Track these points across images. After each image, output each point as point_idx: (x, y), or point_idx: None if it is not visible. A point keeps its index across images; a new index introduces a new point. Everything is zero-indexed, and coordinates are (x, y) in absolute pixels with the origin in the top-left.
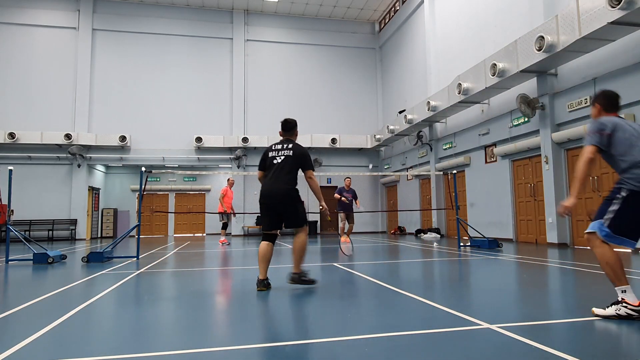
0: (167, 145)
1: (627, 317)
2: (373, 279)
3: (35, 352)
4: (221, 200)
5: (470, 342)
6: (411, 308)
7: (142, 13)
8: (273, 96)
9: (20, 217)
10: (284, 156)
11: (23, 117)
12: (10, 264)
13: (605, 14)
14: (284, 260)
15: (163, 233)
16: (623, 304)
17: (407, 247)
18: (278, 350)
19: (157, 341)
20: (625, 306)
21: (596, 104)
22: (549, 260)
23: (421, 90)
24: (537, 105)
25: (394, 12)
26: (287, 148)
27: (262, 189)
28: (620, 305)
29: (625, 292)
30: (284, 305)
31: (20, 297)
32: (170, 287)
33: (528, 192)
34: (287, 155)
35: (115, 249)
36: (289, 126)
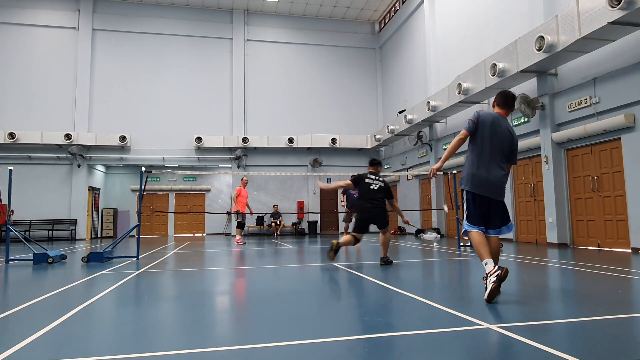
0: (167, 145)
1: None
2: (373, 279)
3: (35, 352)
4: (234, 200)
5: (470, 342)
6: (411, 308)
7: (142, 13)
8: (273, 96)
9: (20, 217)
10: (377, 185)
11: (23, 117)
12: (10, 264)
13: (605, 14)
14: (285, 260)
15: (163, 233)
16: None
17: (407, 247)
18: (278, 350)
19: (157, 341)
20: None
21: (494, 100)
22: (549, 260)
23: (421, 90)
24: (537, 105)
25: (394, 12)
26: (378, 180)
27: (362, 206)
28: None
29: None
30: (284, 305)
31: (20, 297)
32: (170, 287)
33: (528, 192)
34: (381, 186)
35: (115, 249)
36: (376, 162)
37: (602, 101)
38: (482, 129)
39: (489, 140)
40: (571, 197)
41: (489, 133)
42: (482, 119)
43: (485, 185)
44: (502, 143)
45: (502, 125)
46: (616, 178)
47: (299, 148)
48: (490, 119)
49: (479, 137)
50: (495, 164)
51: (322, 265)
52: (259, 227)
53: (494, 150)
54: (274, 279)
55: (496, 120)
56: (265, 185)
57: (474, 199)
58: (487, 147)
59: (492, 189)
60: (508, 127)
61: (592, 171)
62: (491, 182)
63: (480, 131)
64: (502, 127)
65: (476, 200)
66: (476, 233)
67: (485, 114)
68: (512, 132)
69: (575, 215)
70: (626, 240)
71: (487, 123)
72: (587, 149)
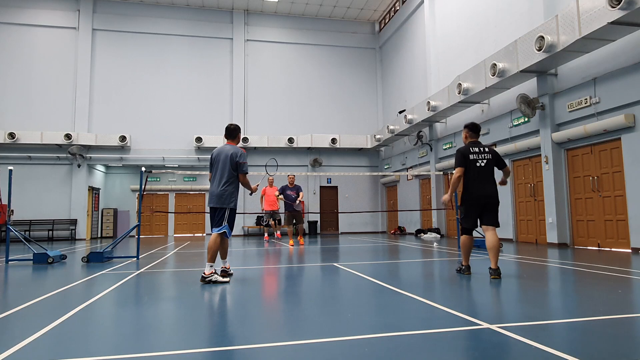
0: (167, 145)
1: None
2: (373, 279)
3: (35, 352)
4: (261, 200)
5: (470, 342)
6: (411, 308)
7: (142, 13)
8: (273, 96)
9: (20, 217)
10: (485, 159)
11: (23, 117)
12: (10, 264)
13: (605, 14)
14: (285, 260)
15: (163, 233)
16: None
17: (407, 247)
18: (278, 350)
19: (157, 341)
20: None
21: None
22: (549, 260)
23: (421, 90)
24: (537, 105)
25: (394, 12)
26: (484, 151)
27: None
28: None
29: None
30: (284, 305)
31: (20, 297)
32: (170, 287)
33: (528, 192)
34: (489, 159)
35: (115, 249)
36: (478, 129)
37: (602, 101)
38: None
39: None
40: (571, 197)
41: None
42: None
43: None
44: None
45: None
46: (616, 178)
47: (299, 148)
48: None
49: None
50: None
51: (322, 265)
52: (259, 228)
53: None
54: (274, 278)
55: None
56: (265, 186)
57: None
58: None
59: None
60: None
61: (592, 171)
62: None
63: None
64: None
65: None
66: None
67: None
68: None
69: (575, 215)
70: (626, 240)
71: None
72: (587, 149)
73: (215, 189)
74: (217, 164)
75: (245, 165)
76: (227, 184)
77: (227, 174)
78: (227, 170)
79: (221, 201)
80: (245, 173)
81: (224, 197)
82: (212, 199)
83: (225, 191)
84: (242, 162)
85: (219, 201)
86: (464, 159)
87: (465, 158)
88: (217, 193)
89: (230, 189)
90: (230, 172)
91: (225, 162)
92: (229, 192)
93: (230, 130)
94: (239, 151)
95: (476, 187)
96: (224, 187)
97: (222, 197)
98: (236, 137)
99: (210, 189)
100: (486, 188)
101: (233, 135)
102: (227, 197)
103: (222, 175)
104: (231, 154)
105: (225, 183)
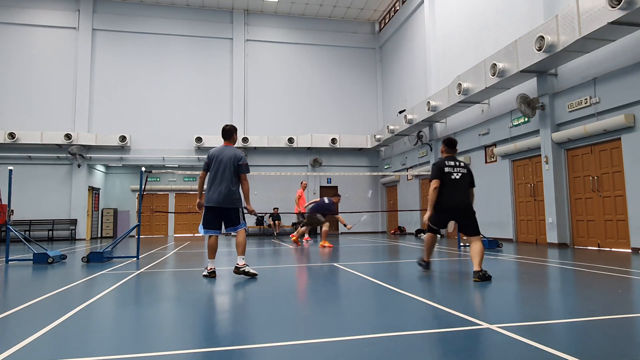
0: (167, 145)
1: None
2: (373, 279)
3: (35, 352)
4: (297, 202)
5: (470, 342)
6: (411, 308)
7: (142, 13)
8: (273, 96)
9: (20, 217)
10: (460, 173)
11: (23, 117)
12: (10, 264)
13: (605, 14)
14: (285, 260)
15: (163, 233)
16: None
17: (407, 247)
18: (278, 350)
19: (157, 341)
20: None
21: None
22: (549, 260)
23: (421, 90)
24: (537, 105)
25: (394, 12)
26: (459, 165)
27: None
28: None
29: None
30: (284, 305)
31: (20, 297)
32: (170, 287)
33: (528, 192)
34: (464, 173)
35: (115, 249)
36: (453, 144)
37: (602, 101)
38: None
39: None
40: (571, 197)
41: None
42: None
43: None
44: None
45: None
46: (616, 178)
47: (299, 148)
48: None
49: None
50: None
51: (322, 265)
52: (259, 228)
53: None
54: (274, 278)
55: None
56: (265, 185)
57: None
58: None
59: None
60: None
61: (592, 171)
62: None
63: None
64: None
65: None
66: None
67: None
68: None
69: (575, 215)
70: (626, 240)
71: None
72: (587, 149)
73: (225, 190)
74: (220, 165)
75: (247, 166)
76: (236, 185)
77: (233, 176)
78: (233, 173)
79: (233, 202)
80: (247, 173)
81: (236, 197)
82: (222, 200)
83: (235, 193)
84: (244, 164)
85: (231, 202)
86: (440, 171)
87: (440, 170)
88: (228, 194)
89: (238, 189)
90: (236, 174)
91: (230, 165)
92: (238, 192)
93: (226, 131)
94: (239, 154)
95: (451, 198)
96: (234, 189)
97: (233, 198)
98: (231, 138)
99: (217, 190)
100: (462, 199)
101: (228, 136)
102: (238, 197)
103: (230, 178)
104: (233, 158)
105: (234, 185)
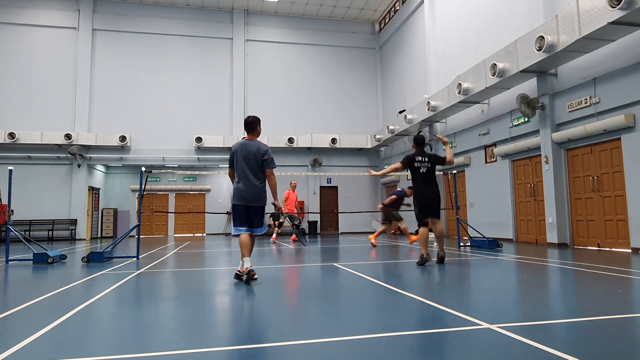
0: (167, 145)
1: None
2: (373, 279)
3: (35, 352)
4: (283, 203)
5: (470, 342)
6: (411, 308)
7: (142, 13)
8: (273, 96)
9: (20, 217)
10: (425, 167)
11: (23, 117)
12: (10, 264)
13: (605, 14)
14: (285, 260)
15: (163, 233)
16: None
17: (407, 247)
18: (278, 350)
19: (157, 341)
20: None
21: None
22: (549, 260)
23: (421, 90)
24: (537, 105)
25: (394, 12)
26: (425, 160)
27: (420, 190)
28: None
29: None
30: (283, 305)
31: (20, 297)
32: (170, 287)
33: (528, 192)
34: (428, 167)
35: (115, 249)
36: (421, 141)
37: (602, 101)
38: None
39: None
40: (571, 197)
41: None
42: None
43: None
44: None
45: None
46: (616, 178)
47: (299, 148)
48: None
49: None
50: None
51: (322, 265)
52: None
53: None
54: (274, 278)
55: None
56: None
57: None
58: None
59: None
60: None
61: (592, 171)
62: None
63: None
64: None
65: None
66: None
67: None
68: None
69: (575, 215)
70: (626, 240)
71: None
72: (587, 149)
73: (254, 187)
74: (243, 160)
75: (272, 160)
76: (261, 182)
77: (258, 172)
78: (257, 169)
79: (261, 199)
80: (273, 168)
81: (261, 195)
82: (251, 198)
83: (260, 190)
84: (269, 158)
85: (259, 199)
86: (408, 162)
87: (410, 162)
88: (257, 191)
89: (264, 185)
90: (261, 169)
91: (253, 160)
92: (264, 189)
93: (248, 124)
94: (263, 148)
95: (424, 191)
96: (260, 186)
97: (257, 195)
98: (255, 130)
99: (244, 188)
100: (431, 190)
101: (252, 128)
102: (263, 194)
103: (254, 174)
104: (257, 152)
105: (258, 181)
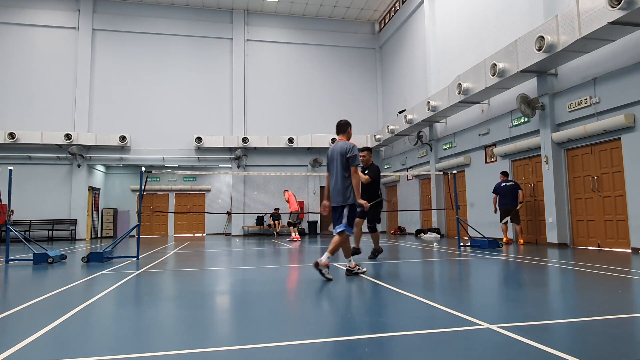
0: (167, 145)
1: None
2: (373, 279)
3: (35, 352)
4: (288, 202)
5: (470, 342)
6: (411, 308)
7: (142, 13)
8: (273, 96)
9: (20, 217)
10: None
11: (23, 117)
12: (10, 264)
13: (605, 14)
14: (285, 260)
15: (163, 233)
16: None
17: (407, 247)
18: (278, 350)
19: (157, 341)
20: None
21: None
22: (549, 260)
23: (421, 90)
24: (537, 105)
25: (394, 12)
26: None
27: None
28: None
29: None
30: (283, 305)
31: (20, 297)
32: (170, 287)
33: (528, 192)
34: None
35: (115, 249)
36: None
37: (602, 101)
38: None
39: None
40: (571, 197)
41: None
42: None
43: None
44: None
45: (335, 149)
46: (616, 178)
47: (299, 148)
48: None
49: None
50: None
51: None
52: (259, 227)
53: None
54: (274, 278)
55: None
56: (265, 186)
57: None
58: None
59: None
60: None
61: (592, 171)
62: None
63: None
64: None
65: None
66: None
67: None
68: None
69: (575, 215)
70: (626, 240)
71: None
72: (587, 149)
73: (336, 186)
74: (333, 162)
75: (356, 157)
76: (345, 180)
77: (343, 171)
78: (342, 167)
79: (343, 198)
80: (357, 165)
81: (346, 194)
82: (335, 198)
83: (345, 188)
84: (352, 156)
85: (341, 198)
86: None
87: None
88: (339, 191)
89: (347, 183)
90: (346, 168)
91: (339, 159)
92: (348, 188)
93: (340, 126)
94: (348, 146)
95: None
96: (344, 185)
97: (343, 194)
98: (346, 132)
99: (331, 188)
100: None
101: (343, 130)
102: (345, 193)
103: (338, 173)
104: (342, 151)
105: (343, 180)
